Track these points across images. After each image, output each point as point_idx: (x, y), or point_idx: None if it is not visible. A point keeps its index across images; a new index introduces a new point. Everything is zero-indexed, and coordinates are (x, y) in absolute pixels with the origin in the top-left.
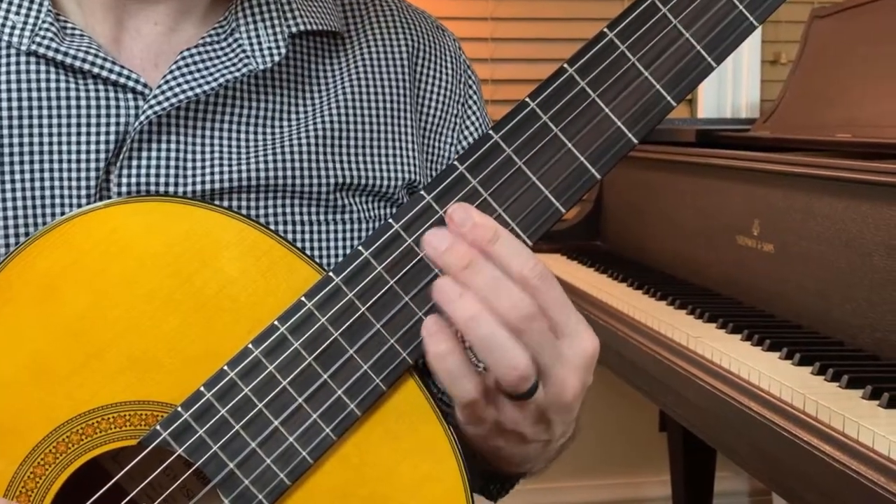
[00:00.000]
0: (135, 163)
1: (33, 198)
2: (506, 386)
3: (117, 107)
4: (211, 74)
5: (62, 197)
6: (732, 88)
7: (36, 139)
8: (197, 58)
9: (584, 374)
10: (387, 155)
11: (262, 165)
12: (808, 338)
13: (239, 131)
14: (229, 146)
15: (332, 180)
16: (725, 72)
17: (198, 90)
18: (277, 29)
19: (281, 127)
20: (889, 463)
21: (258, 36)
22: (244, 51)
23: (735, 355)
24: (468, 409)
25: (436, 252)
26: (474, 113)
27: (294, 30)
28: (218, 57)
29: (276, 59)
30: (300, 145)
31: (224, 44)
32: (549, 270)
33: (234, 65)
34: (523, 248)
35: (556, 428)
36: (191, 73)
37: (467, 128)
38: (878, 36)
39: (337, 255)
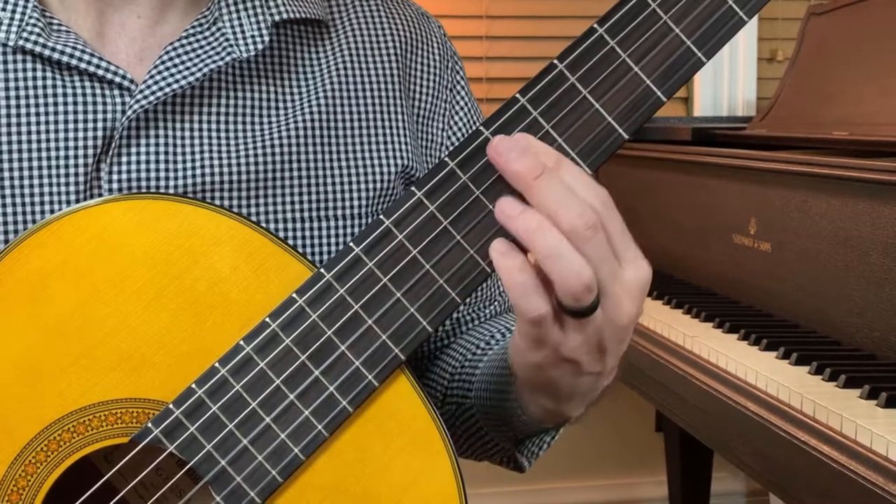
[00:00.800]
0: (124, 159)
1: (23, 195)
2: (569, 298)
3: (104, 103)
4: (195, 65)
5: (52, 195)
6: (728, 86)
7: (24, 136)
8: (181, 50)
9: (639, 299)
10: (377, 143)
11: (251, 160)
12: (806, 337)
13: (227, 122)
14: (218, 139)
15: (322, 174)
16: (721, 69)
17: (182, 82)
18: (260, 17)
19: (269, 119)
20: (887, 463)
21: (241, 25)
22: (227, 40)
23: (732, 355)
24: (535, 328)
25: (505, 158)
26: (462, 98)
27: (277, 18)
28: (201, 47)
29: (260, 47)
30: (289, 138)
31: (207, 33)
32: (610, 199)
33: (217, 54)
34: (587, 176)
35: (610, 359)
36: (175, 65)
37: (457, 113)
38: (875, 33)
39: (329, 252)
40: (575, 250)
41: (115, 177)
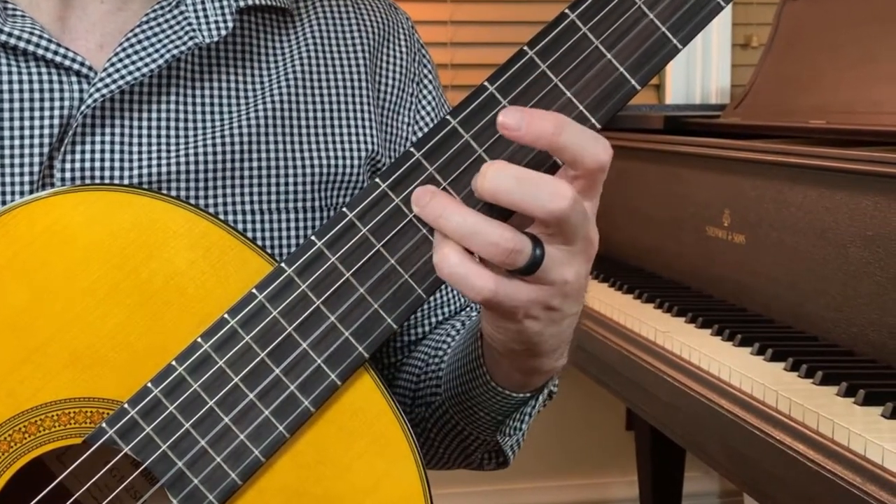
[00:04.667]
0: (78, 148)
1: None
2: (502, 266)
3: (61, 90)
4: (157, 51)
5: (4, 185)
6: (702, 73)
7: None
8: (141, 36)
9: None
10: (342, 132)
11: (209, 150)
12: (781, 332)
13: (186, 112)
14: (176, 130)
15: (283, 164)
16: (694, 56)
17: (144, 70)
18: (224, 2)
19: (229, 108)
20: (864, 462)
21: (205, 9)
22: (190, 24)
23: (705, 351)
24: (491, 308)
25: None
26: (430, 92)
27: (242, 4)
28: (163, 31)
29: (223, 32)
30: (249, 128)
31: (169, 16)
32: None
33: (179, 39)
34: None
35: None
36: (136, 52)
37: (423, 107)
38: (852, 18)
39: (290, 246)
40: (486, 221)
41: (67, 166)
